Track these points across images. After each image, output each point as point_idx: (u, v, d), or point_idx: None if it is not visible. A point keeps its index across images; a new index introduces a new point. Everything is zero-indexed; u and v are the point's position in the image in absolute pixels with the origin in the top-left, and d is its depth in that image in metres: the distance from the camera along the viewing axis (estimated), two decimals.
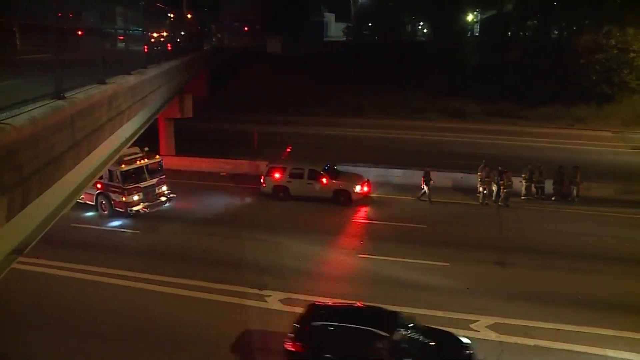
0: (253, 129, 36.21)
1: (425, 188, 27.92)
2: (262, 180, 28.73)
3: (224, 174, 33.02)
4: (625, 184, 29.83)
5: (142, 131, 21.53)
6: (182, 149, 36.08)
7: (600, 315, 17.04)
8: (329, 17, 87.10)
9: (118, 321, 16.86)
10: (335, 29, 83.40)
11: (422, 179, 28.11)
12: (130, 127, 18.01)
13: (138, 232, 24.47)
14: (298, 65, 59.34)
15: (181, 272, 19.79)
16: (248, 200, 28.83)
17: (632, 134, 46.08)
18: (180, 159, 33.99)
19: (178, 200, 27.43)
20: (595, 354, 15.05)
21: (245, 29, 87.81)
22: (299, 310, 16.83)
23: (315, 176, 27.72)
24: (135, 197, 25.51)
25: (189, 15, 45.11)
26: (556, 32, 64.14)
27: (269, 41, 68.04)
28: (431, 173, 28.12)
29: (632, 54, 50.99)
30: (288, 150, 30.89)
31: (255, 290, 18.44)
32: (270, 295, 18.14)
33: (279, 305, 17.64)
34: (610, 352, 15.09)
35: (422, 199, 28.16)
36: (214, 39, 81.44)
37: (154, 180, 26.45)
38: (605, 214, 26.64)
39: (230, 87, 57.01)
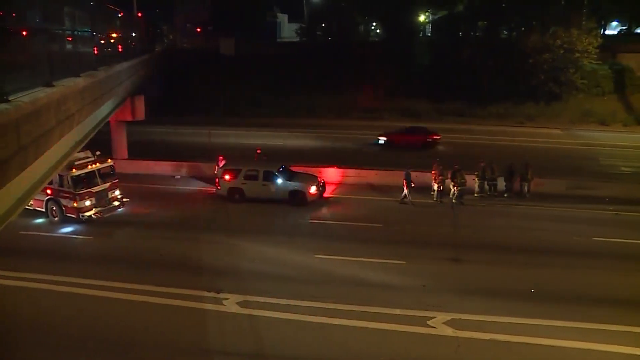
0: (208, 130, 35.84)
1: (406, 190, 27.87)
2: (217, 183, 28.50)
3: (178, 176, 32.61)
4: (574, 179, 30.76)
5: (93, 135, 21.06)
6: (134, 152, 35.45)
7: (552, 307, 17.50)
8: (282, 17, 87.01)
9: (69, 329, 16.41)
10: (288, 30, 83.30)
11: (403, 181, 27.93)
12: (80, 131, 17.57)
13: (91, 238, 23.89)
14: (251, 66, 59.02)
15: (136, 278, 19.42)
16: (203, 202, 28.51)
17: (579, 131, 47.56)
18: (133, 162, 33.39)
19: (132, 205, 26.94)
20: (548, 345, 15.42)
21: (198, 30, 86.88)
22: (256, 313, 16.85)
23: (270, 177, 27.62)
24: (87, 202, 24.92)
25: (139, 16, 44.29)
26: (505, 33, 65.53)
27: (222, 42, 67.25)
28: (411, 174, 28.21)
29: (577, 54, 52.60)
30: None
31: (212, 294, 18.26)
32: (227, 298, 17.98)
33: (237, 308, 17.49)
34: (562, 343, 15.49)
35: (404, 201, 28.03)
36: (166, 41, 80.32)
37: (107, 185, 25.92)
38: (555, 209, 27.36)
39: (183, 89, 56.30)
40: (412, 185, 27.93)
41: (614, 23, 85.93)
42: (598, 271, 20.37)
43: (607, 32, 78.87)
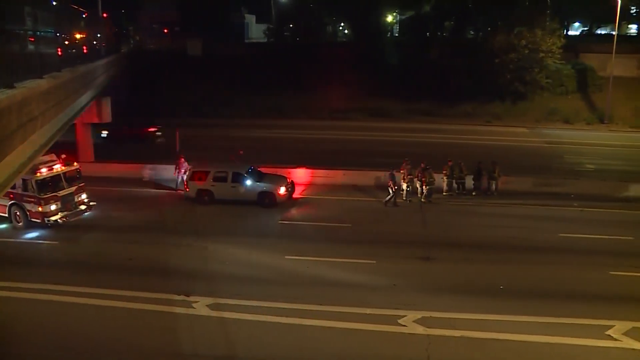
0: (176, 130, 35.51)
1: (392, 191, 27.76)
2: (185, 185, 28.23)
3: (146, 179, 32.19)
4: (541, 177, 31.28)
5: (57, 137, 20.69)
6: (101, 155, 34.91)
7: (521, 303, 17.71)
8: (250, 18, 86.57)
9: (34, 337, 16.03)
10: (256, 31, 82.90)
11: (389, 182, 27.78)
12: (44, 134, 17.23)
13: (57, 243, 23.39)
14: (219, 67, 58.68)
15: (104, 283, 19.08)
16: (172, 205, 28.21)
17: (545, 129, 48.40)
18: (100, 165, 32.84)
19: (99, 209, 26.49)
20: (517, 341, 15.59)
21: (165, 30, 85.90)
22: (226, 315, 16.70)
23: (239, 179, 27.45)
24: (53, 207, 24.40)
25: (104, 16, 43.72)
26: (472, 33, 66.34)
27: (189, 43, 66.89)
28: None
29: (541, 54, 53.56)
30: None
31: (182, 297, 18.04)
32: (197, 302, 17.77)
33: (207, 310, 17.31)
34: (530, 338, 15.70)
35: (388, 204, 27.79)
36: (132, 41, 79.39)
37: (73, 189, 25.41)
38: (522, 206, 27.76)
39: (150, 90, 55.68)
40: (395, 187, 27.80)
41: (576, 24, 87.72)
42: (564, 267, 20.70)
43: (570, 32, 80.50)
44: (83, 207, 25.83)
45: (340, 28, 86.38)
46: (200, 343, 15.59)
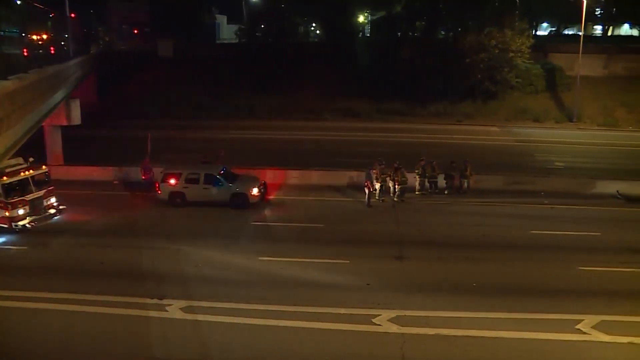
0: (147, 133, 35.09)
1: (368, 190, 27.70)
2: (157, 187, 27.91)
3: (117, 182, 31.78)
4: (512, 175, 31.67)
5: (24, 140, 20.33)
6: (70, 158, 34.37)
7: (493, 300, 17.91)
8: (221, 19, 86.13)
9: (3, 345, 15.67)
10: (227, 31, 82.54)
11: (366, 181, 27.81)
12: (10, 137, 16.92)
13: (25, 248, 22.89)
14: (191, 68, 58.31)
15: (75, 288, 18.74)
16: (144, 208, 27.88)
17: (515, 128, 49.04)
18: (69, 169, 32.32)
19: (69, 212, 26.04)
20: (491, 337, 15.74)
21: (135, 31, 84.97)
22: (201, 318, 16.54)
23: (211, 181, 27.24)
24: (21, 211, 23.90)
25: (72, 16, 43.09)
26: (443, 33, 66.82)
27: (160, 44, 66.37)
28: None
29: (511, 54, 54.22)
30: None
31: (155, 301, 17.82)
32: (171, 305, 17.58)
33: (181, 313, 17.14)
34: (504, 334, 15.86)
35: (371, 202, 27.82)
36: (101, 42, 78.48)
37: (41, 192, 24.95)
38: (494, 204, 28.05)
39: (120, 92, 55.07)
40: (372, 187, 27.87)
41: (544, 24, 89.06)
42: (536, 263, 20.96)
43: (538, 33, 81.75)
44: (52, 211, 25.39)
45: (312, 28, 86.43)
46: (174, 346, 15.43)
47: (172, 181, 27.49)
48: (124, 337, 15.98)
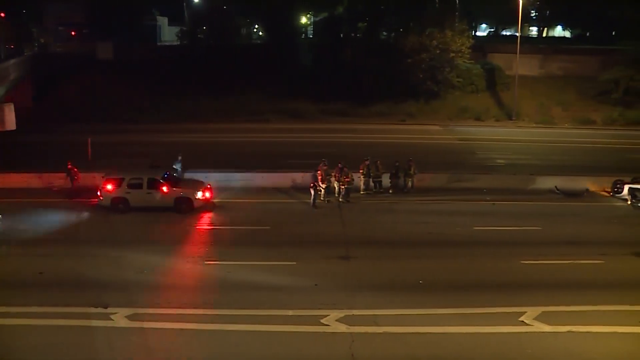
0: (87, 138, 34.17)
1: (314, 192, 27.55)
2: (98, 193, 27.12)
3: (55, 188, 30.69)
4: (454, 173, 32.27)
5: None
6: (5, 165, 32.98)
7: (439, 296, 18.18)
8: (162, 20, 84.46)
9: None
10: (169, 33, 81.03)
11: (312, 183, 27.71)
12: None
13: None
14: (132, 71, 57.11)
15: (14, 300, 17.86)
16: (84, 215, 27.03)
17: (456, 127, 50.01)
18: (3, 176, 31.03)
19: (4, 222, 25.00)
20: (437, 333, 15.98)
21: (72, 33, 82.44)
22: (147, 325, 16.13)
23: (155, 185, 26.68)
24: None
25: (1, 16, 41.47)
26: (385, 34, 67.58)
27: (99, 46, 64.69)
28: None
29: (452, 54, 55.32)
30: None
31: (99, 310, 17.23)
32: (116, 313, 17.05)
33: (126, 322, 16.66)
34: (450, 329, 16.12)
35: (317, 203, 27.74)
36: (36, 44, 76.00)
37: None
38: (438, 202, 28.52)
39: (57, 95, 53.42)
40: (318, 188, 27.84)
41: (484, 25, 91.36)
42: (479, 258, 21.40)
43: (478, 33, 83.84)
44: None
45: (255, 30, 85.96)
46: (121, 355, 15.01)
47: (114, 187, 26.77)
48: (67, 349, 15.39)
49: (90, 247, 22.46)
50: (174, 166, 29.75)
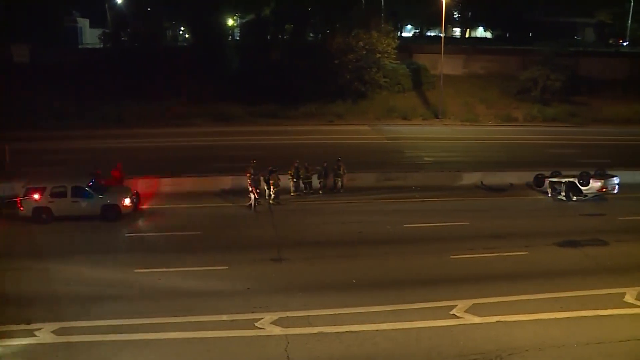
0: (4, 145, 32.60)
1: (254, 195, 27.37)
2: (19, 203, 25.92)
3: None
4: (383, 172, 32.74)
5: None
6: None
7: (372, 294, 18.41)
8: (83, 22, 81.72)
9: None
10: (91, 36, 78.52)
11: (252, 187, 27.42)
12: None
13: None
14: (51, 74, 54.92)
15: None
16: (3, 226, 25.77)
17: (385, 126, 50.80)
18: None
19: None
20: (371, 330, 16.15)
21: None
22: (75, 339, 15.53)
23: (80, 193, 25.76)
24: None
25: None
26: (312, 35, 67.91)
27: (14, 48, 61.97)
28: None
29: (378, 55, 56.23)
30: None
31: (22, 326, 16.43)
32: (40, 329, 16.31)
33: (52, 337, 15.96)
34: (383, 326, 16.35)
35: (256, 208, 27.48)
36: None
37: None
38: (368, 201, 28.91)
39: None
40: (258, 191, 27.61)
41: (409, 26, 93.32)
42: (411, 255, 21.84)
43: (404, 34, 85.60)
44: None
45: (181, 32, 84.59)
46: None
47: (36, 196, 25.63)
48: None
49: (11, 261, 21.32)
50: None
